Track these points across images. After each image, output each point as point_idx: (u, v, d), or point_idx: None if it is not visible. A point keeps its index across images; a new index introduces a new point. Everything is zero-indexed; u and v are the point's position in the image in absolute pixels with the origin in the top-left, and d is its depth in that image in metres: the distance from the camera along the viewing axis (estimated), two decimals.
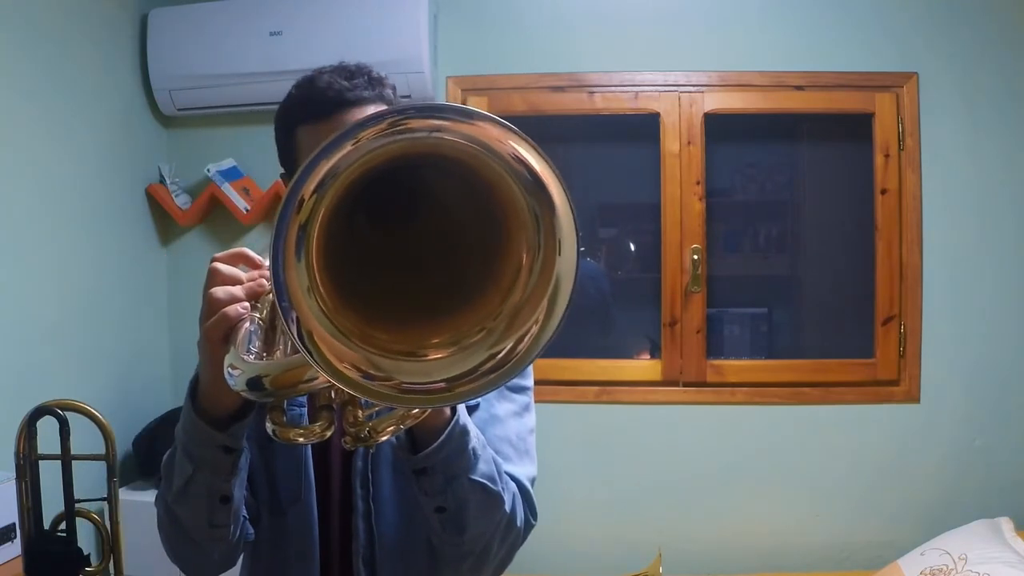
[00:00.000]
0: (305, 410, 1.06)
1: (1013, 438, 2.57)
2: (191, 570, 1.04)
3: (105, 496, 1.87)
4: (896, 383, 2.62)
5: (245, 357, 0.79)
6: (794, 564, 2.57)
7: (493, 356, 0.70)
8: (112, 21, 2.52)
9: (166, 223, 2.78)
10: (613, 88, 2.67)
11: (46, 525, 1.78)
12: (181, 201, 2.72)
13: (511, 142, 0.66)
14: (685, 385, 2.68)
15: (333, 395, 0.81)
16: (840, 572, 2.54)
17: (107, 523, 1.88)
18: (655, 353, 2.74)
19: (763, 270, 2.97)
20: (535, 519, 1.05)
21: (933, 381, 2.60)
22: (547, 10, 2.69)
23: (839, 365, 2.66)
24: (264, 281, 0.87)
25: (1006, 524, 2.25)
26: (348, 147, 0.64)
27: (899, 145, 2.60)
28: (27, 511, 1.74)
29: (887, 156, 2.60)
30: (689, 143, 2.64)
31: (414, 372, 0.70)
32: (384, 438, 0.79)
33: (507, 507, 0.97)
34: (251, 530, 1.05)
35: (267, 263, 0.87)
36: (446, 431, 0.88)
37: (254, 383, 0.76)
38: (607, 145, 2.93)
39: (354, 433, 0.78)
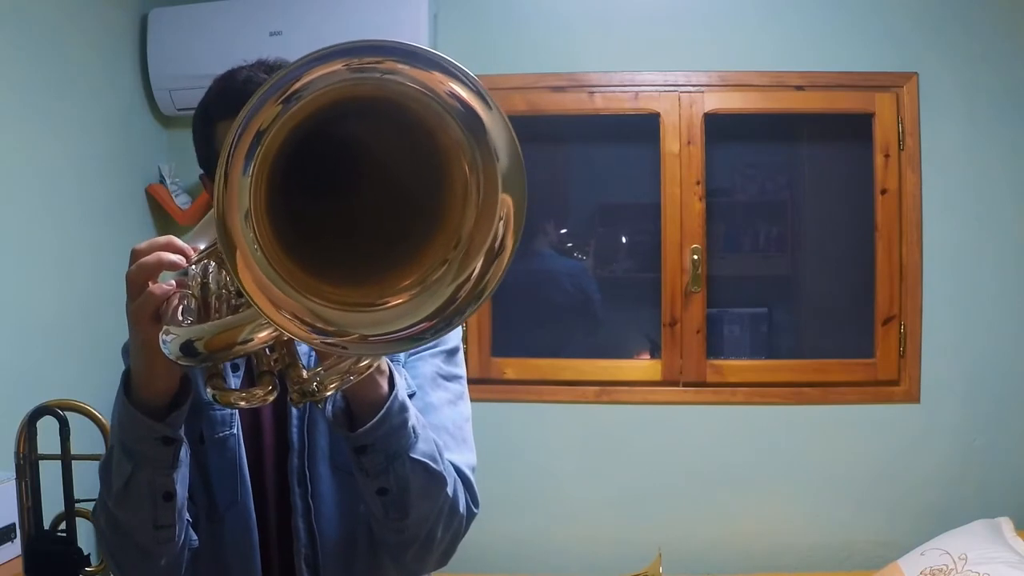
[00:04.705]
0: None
1: (1013, 438, 2.57)
2: None
3: None
4: (896, 383, 2.62)
5: (180, 324, 0.78)
6: (794, 564, 2.57)
7: (460, 287, 0.69)
8: (112, 21, 2.52)
9: (166, 223, 2.77)
10: (613, 88, 2.67)
11: (46, 525, 1.78)
12: (181, 201, 2.72)
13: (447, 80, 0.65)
14: (685, 385, 2.68)
15: (274, 361, 0.79)
16: (840, 572, 2.54)
17: None
18: (655, 353, 2.74)
19: (763, 270, 2.96)
20: (477, 508, 1.04)
21: (933, 381, 2.59)
22: (547, 10, 2.69)
23: (839, 365, 2.66)
24: (183, 257, 0.86)
25: (1006, 524, 2.25)
26: (337, 66, 0.62)
27: (899, 145, 2.60)
28: (27, 511, 1.74)
29: (887, 156, 2.60)
30: (689, 143, 2.64)
31: (369, 323, 0.68)
32: (330, 392, 0.78)
33: (449, 490, 0.97)
34: (195, 536, 1.02)
35: (191, 246, 0.88)
36: (385, 406, 0.88)
37: (187, 347, 0.74)
38: (607, 145, 2.92)
39: (299, 389, 0.77)
